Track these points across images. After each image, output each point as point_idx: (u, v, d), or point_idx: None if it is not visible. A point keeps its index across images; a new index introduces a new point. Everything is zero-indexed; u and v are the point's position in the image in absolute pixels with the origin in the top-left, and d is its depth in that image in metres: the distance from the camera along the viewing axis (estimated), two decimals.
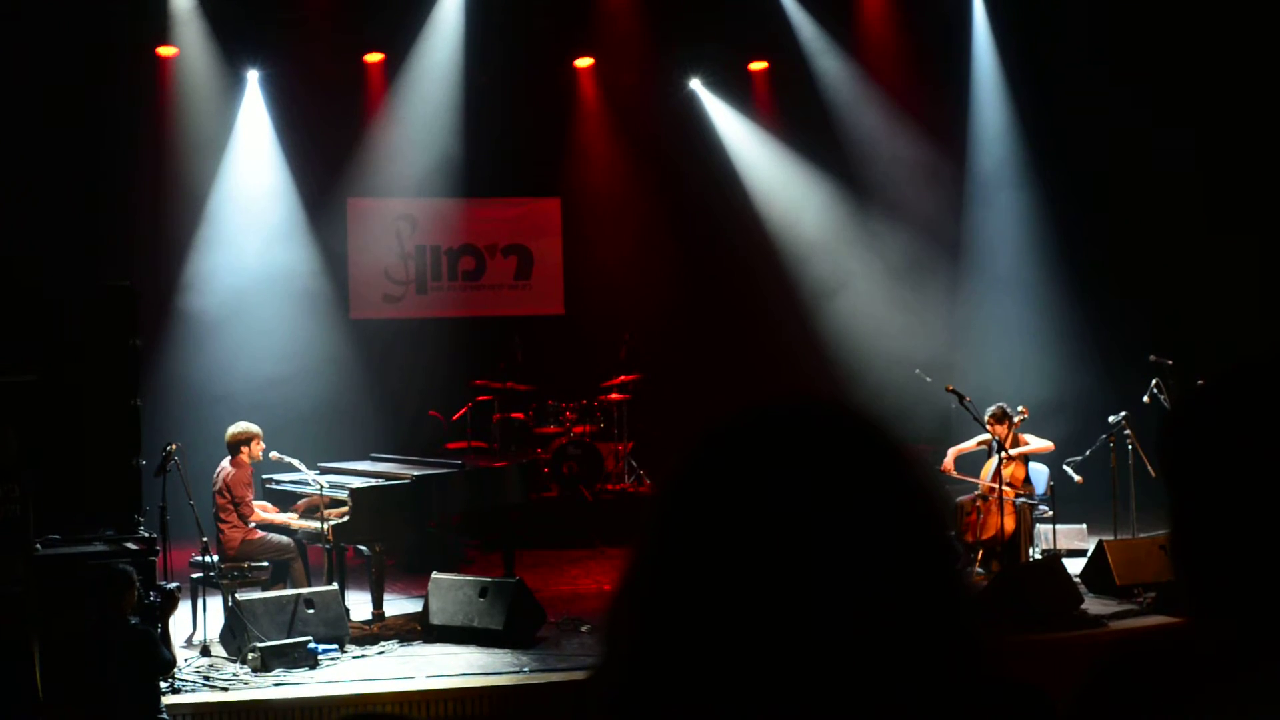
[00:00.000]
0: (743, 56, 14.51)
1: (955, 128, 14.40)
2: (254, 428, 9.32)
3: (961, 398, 10.19)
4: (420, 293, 14.42)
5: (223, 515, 9.06)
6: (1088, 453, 10.45)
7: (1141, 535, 10.07)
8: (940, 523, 1.13)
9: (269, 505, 9.44)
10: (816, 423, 1.14)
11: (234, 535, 9.04)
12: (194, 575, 8.69)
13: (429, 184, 13.95)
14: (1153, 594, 8.98)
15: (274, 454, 9.22)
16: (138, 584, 6.80)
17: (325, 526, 8.77)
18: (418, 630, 8.76)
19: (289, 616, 8.17)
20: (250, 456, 9.23)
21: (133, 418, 8.15)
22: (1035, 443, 10.33)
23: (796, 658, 1.05)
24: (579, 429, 12.69)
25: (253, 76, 13.35)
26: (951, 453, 10.50)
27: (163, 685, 7.08)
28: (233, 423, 9.45)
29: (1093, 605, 8.96)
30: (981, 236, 14.46)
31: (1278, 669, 1.23)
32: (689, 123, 14.54)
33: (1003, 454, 10.14)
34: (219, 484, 9.13)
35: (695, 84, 14.65)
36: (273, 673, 7.71)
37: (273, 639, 7.92)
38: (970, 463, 10.66)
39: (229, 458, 9.24)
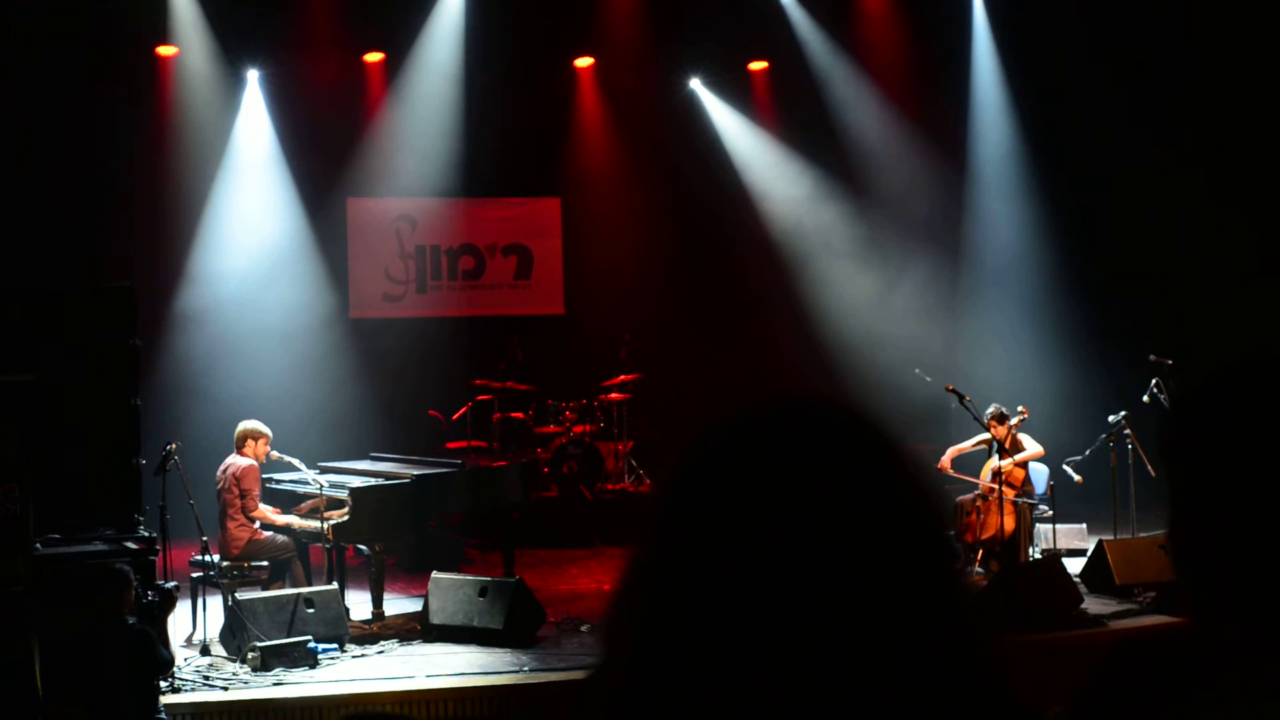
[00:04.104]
0: (743, 56, 14.51)
1: (955, 127, 14.40)
2: (263, 427, 9.33)
3: (961, 398, 10.19)
4: (420, 292, 14.42)
5: (230, 511, 9.05)
6: (1088, 452, 10.45)
7: (1141, 535, 10.07)
8: (939, 523, 1.14)
9: (272, 509, 9.42)
10: (815, 422, 1.14)
11: (240, 534, 9.03)
12: (194, 575, 8.69)
13: (429, 184, 13.96)
14: (1153, 594, 8.97)
15: (274, 454, 9.23)
16: (135, 583, 6.80)
17: (325, 526, 8.77)
18: (418, 630, 8.76)
19: (289, 616, 8.17)
20: (255, 455, 9.23)
21: (133, 418, 8.14)
22: (1030, 447, 10.31)
23: (795, 658, 1.05)
24: (579, 429, 12.69)
25: (253, 76, 13.35)
26: (950, 452, 10.51)
27: (162, 685, 7.09)
28: (233, 422, 9.46)
29: (1092, 605, 8.96)
30: (981, 236, 14.46)
31: (1277, 666, 1.23)
32: (689, 123, 14.54)
33: (1000, 455, 10.14)
34: (227, 479, 9.11)
35: (695, 84, 14.65)
36: (273, 672, 7.71)
37: (273, 638, 7.92)
38: (969, 462, 10.66)
39: (235, 453, 9.24)
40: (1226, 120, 12.97)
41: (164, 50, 12.99)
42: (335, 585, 8.73)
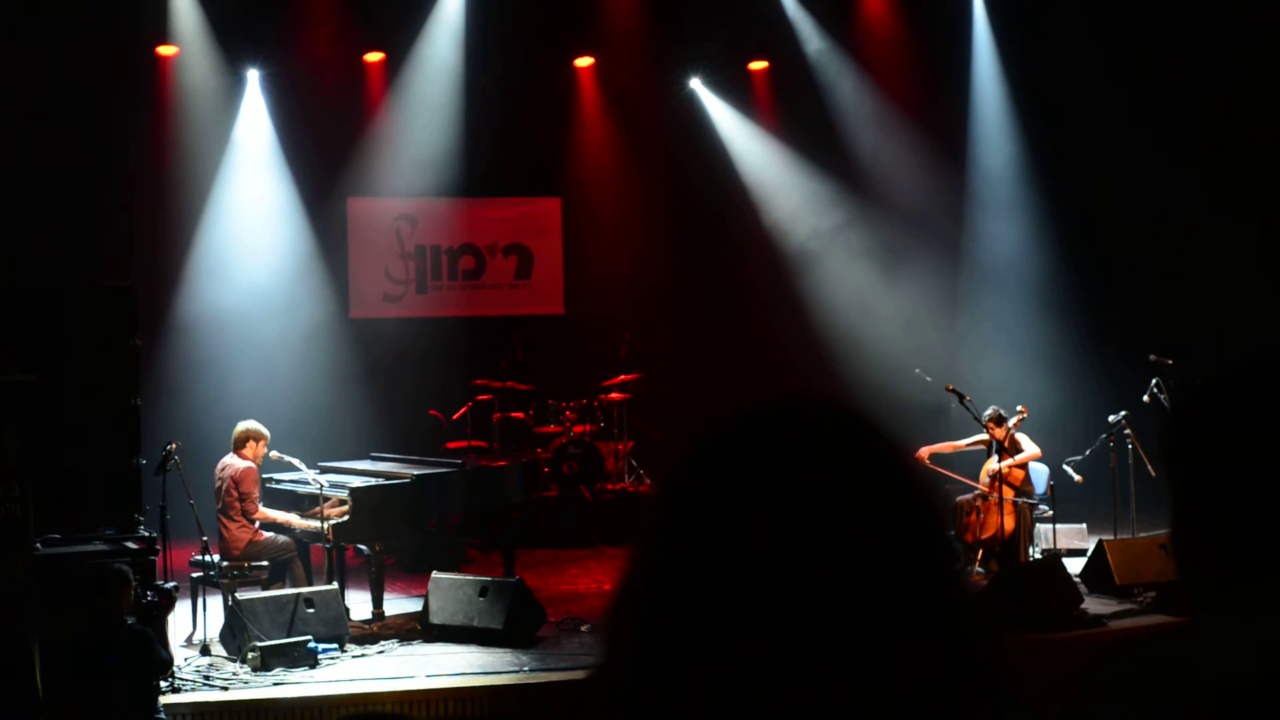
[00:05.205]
0: (743, 56, 14.51)
1: (956, 126, 14.39)
2: (262, 428, 9.33)
3: (961, 397, 10.20)
4: (420, 292, 14.42)
5: (230, 514, 9.05)
6: (1088, 452, 10.45)
7: (1141, 535, 10.07)
8: (938, 523, 1.13)
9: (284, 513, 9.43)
10: (815, 423, 1.14)
11: (240, 535, 9.02)
12: (194, 575, 8.69)
13: (429, 184, 13.95)
14: (1153, 593, 8.98)
15: (274, 454, 9.22)
16: (134, 583, 6.80)
17: (325, 526, 8.77)
18: (418, 630, 8.76)
19: (289, 616, 8.17)
20: (254, 456, 9.23)
21: (133, 418, 8.15)
22: (1028, 449, 10.29)
23: (795, 658, 1.05)
24: (579, 429, 12.69)
25: (253, 76, 13.35)
26: (940, 445, 10.46)
27: (162, 685, 7.08)
28: (233, 422, 9.45)
29: (1093, 605, 8.96)
30: (982, 235, 14.46)
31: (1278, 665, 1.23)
32: (689, 123, 14.54)
33: (999, 456, 10.14)
34: (225, 481, 9.11)
35: (695, 84, 14.65)
36: (273, 672, 7.71)
37: (273, 638, 7.92)
38: (967, 462, 10.65)
39: (232, 453, 9.23)
40: (1226, 120, 12.97)
41: (164, 50, 12.98)
42: (335, 585, 8.73)
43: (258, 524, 9.13)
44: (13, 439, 6.61)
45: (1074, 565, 9.56)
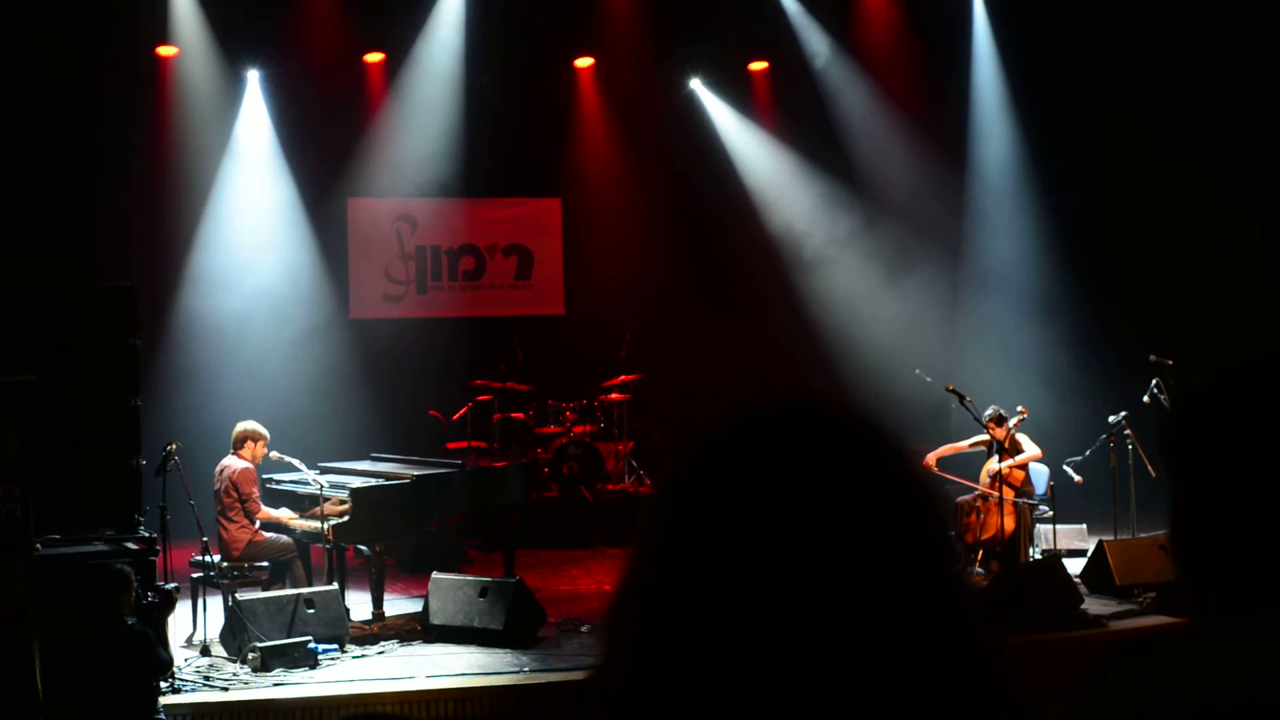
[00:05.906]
0: (743, 56, 14.51)
1: (956, 126, 14.39)
2: (262, 428, 9.33)
3: (962, 398, 10.19)
4: (420, 293, 14.42)
5: (230, 514, 9.05)
6: (1088, 453, 10.44)
7: (1141, 535, 10.07)
8: (939, 523, 1.13)
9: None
10: (816, 422, 1.14)
11: (240, 536, 9.02)
12: (194, 575, 8.69)
13: (429, 184, 13.95)
14: (1153, 594, 8.98)
15: (274, 454, 9.22)
16: (135, 584, 6.80)
17: (325, 526, 8.77)
18: (418, 630, 8.76)
19: (289, 616, 8.17)
20: (252, 456, 9.22)
21: (133, 418, 8.14)
22: (1028, 449, 10.29)
23: (796, 658, 1.05)
24: (579, 429, 12.68)
25: (253, 76, 13.35)
26: (942, 449, 10.47)
27: (162, 685, 7.09)
28: (233, 422, 9.46)
29: (1093, 605, 8.96)
30: (982, 235, 14.46)
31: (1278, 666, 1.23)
32: (689, 123, 14.54)
33: (1000, 457, 10.14)
34: (224, 482, 9.11)
35: (695, 84, 14.65)
36: (273, 673, 7.71)
37: (273, 639, 7.92)
38: (968, 463, 10.65)
39: (231, 454, 9.23)
40: (1227, 120, 12.97)
41: (164, 50, 12.98)
42: (335, 586, 8.74)
43: (259, 524, 9.13)
44: (13, 439, 6.61)
45: (1074, 565, 9.56)
